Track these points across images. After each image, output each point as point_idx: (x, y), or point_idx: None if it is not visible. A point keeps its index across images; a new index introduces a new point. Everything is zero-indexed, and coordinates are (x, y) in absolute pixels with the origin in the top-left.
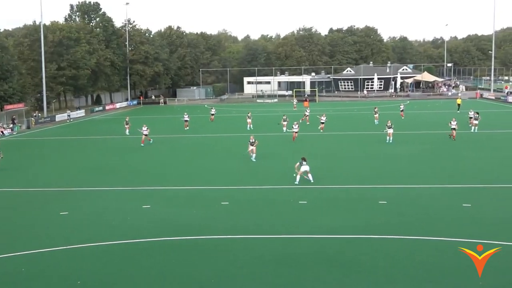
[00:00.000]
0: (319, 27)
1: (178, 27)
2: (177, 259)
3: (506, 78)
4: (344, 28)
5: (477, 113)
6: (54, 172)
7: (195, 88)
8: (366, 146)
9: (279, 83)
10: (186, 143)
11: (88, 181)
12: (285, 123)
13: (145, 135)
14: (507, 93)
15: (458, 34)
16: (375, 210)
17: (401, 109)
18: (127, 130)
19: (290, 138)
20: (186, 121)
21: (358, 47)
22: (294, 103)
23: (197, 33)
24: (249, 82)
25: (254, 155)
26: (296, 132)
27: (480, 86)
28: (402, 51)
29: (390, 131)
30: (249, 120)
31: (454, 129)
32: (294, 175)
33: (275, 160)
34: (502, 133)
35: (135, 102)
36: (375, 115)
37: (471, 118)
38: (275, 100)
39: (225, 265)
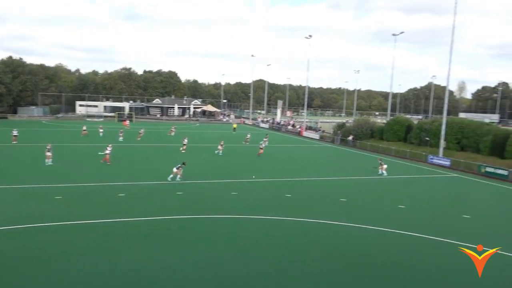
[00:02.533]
0: (136, 68)
1: (20, 58)
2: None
3: (259, 111)
4: (154, 70)
5: (267, 134)
6: None
7: (34, 107)
8: (169, 154)
9: (105, 106)
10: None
11: None
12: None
13: None
14: (260, 121)
15: (230, 80)
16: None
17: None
18: None
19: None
20: (15, 136)
21: (164, 85)
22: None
23: (37, 64)
24: (80, 105)
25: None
26: (107, 154)
27: (243, 116)
28: (194, 89)
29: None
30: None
31: (261, 148)
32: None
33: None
34: (275, 146)
35: None
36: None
37: (260, 148)
38: (101, 119)
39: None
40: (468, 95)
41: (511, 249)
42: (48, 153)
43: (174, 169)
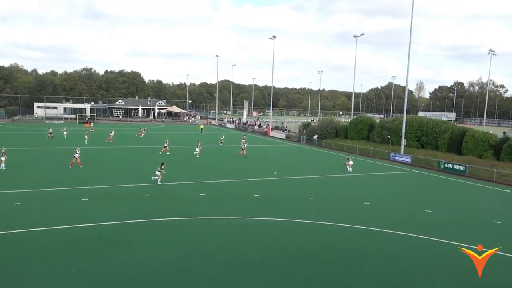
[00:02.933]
0: (97, 68)
1: None
2: None
3: (225, 112)
4: (117, 71)
5: (245, 135)
6: None
7: None
8: (139, 155)
9: (64, 108)
10: None
11: None
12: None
13: None
14: (226, 121)
15: (195, 81)
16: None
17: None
18: None
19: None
20: None
21: (127, 85)
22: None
23: None
24: (39, 107)
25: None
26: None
27: (209, 116)
28: (158, 90)
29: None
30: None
31: (243, 149)
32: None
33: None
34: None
35: None
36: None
37: (242, 149)
38: (61, 121)
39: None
40: (426, 94)
41: (468, 243)
42: (2, 158)
43: (157, 172)
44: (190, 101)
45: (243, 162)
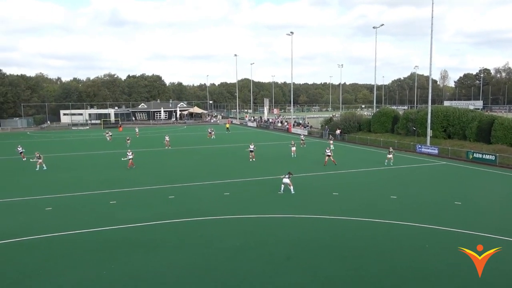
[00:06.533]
0: (120, 74)
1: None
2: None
3: (246, 110)
4: (138, 75)
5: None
6: None
7: (17, 119)
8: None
9: (89, 114)
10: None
11: None
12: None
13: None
14: (247, 120)
15: (215, 81)
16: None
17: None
18: None
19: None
20: (21, 152)
21: (148, 89)
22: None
23: (17, 74)
24: (65, 114)
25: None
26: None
27: (230, 116)
28: (179, 92)
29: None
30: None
31: (329, 155)
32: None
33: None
34: (265, 144)
35: None
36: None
37: (251, 151)
38: (87, 127)
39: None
40: (451, 83)
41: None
42: (40, 160)
43: (287, 180)
44: (211, 102)
45: (262, 160)
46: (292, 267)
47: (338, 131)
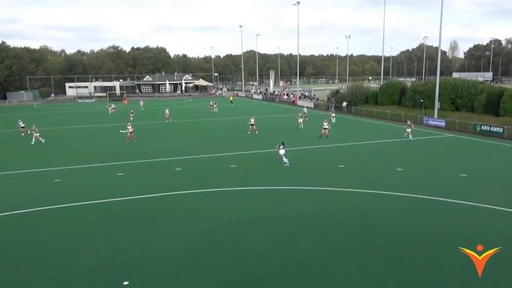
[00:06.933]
0: (124, 46)
1: (3, 42)
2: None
3: (251, 83)
4: (142, 47)
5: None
6: None
7: (23, 92)
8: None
9: (95, 87)
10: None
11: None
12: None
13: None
14: (253, 92)
15: (220, 53)
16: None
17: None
18: None
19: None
20: (23, 127)
21: (153, 61)
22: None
23: (21, 47)
24: (70, 87)
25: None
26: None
27: (236, 88)
28: (184, 64)
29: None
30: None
31: (326, 129)
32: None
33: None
34: (270, 117)
35: None
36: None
37: (252, 125)
38: (93, 100)
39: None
40: (460, 54)
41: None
42: (35, 134)
43: (283, 151)
44: (216, 74)
45: (268, 133)
46: (300, 237)
47: (344, 104)
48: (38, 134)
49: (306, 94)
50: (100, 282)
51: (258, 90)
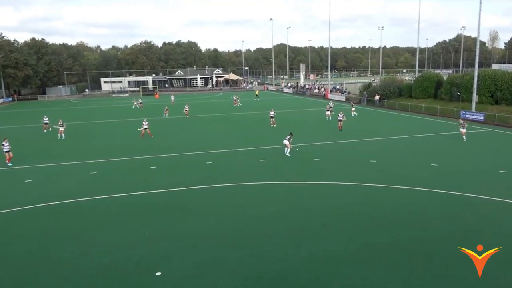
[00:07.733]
0: (156, 41)
1: (42, 39)
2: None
3: (282, 76)
4: (174, 42)
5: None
6: None
7: (61, 87)
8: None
9: (128, 82)
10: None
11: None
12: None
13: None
14: (283, 86)
15: (251, 47)
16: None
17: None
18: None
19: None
20: (46, 123)
21: (184, 56)
22: (138, 102)
23: (59, 44)
24: (105, 82)
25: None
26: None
27: (266, 82)
28: (215, 58)
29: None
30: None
31: (340, 120)
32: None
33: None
34: (302, 111)
35: (9, 99)
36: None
37: (272, 117)
38: (127, 94)
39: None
40: (501, 45)
41: None
42: (61, 128)
43: (286, 142)
44: (246, 68)
45: (296, 127)
46: (327, 233)
47: (377, 97)
48: (63, 129)
49: (338, 87)
50: (135, 272)
51: (289, 84)
